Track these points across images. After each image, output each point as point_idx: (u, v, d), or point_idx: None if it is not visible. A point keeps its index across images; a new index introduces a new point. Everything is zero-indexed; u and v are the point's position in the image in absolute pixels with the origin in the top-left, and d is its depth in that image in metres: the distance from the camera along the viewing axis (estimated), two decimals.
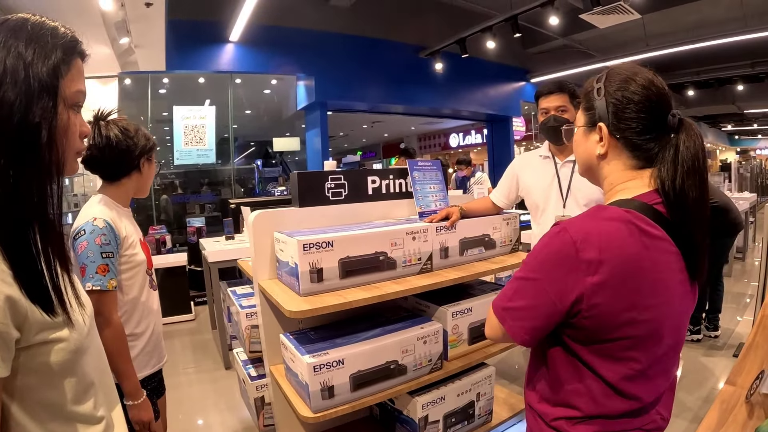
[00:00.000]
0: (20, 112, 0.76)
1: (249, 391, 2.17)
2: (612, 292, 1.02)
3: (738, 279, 6.74)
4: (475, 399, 2.02)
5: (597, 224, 1.06)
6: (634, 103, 1.09)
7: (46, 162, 0.79)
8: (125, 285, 1.74)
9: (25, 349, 0.77)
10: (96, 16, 4.32)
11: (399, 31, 9.25)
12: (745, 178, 12.84)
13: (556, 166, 2.50)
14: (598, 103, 1.15)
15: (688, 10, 8.44)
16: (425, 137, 20.63)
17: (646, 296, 1.04)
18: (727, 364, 3.93)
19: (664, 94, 1.10)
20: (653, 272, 1.04)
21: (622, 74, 1.13)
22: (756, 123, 22.40)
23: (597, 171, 1.21)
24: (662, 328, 1.07)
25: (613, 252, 1.02)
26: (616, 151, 1.14)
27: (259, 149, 14.03)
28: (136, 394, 1.67)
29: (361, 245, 1.71)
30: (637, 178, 1.12)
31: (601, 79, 1.16)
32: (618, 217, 1.05)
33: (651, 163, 1.10)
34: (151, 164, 1.91)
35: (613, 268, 1.01)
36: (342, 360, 1.56)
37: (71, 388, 0.85)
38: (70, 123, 0.86)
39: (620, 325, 1.04)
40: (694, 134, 1.06)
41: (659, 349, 1.09)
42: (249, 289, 2.39)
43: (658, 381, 1.13)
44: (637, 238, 1.03)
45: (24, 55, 0.78)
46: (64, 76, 0.83)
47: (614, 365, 1.07)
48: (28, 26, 0.81)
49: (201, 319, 5.81)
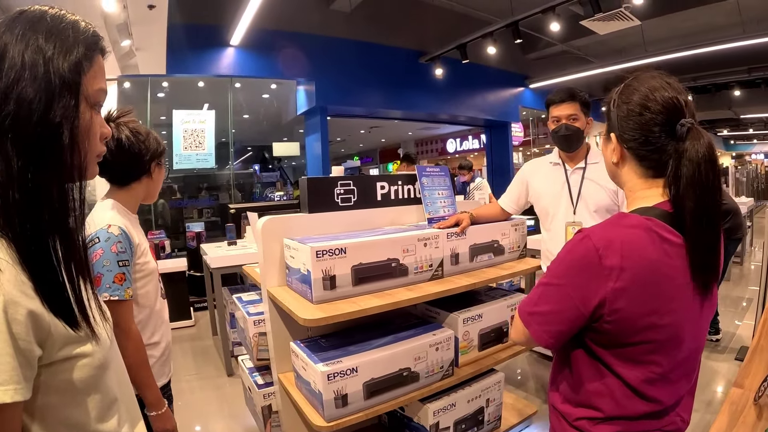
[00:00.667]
0: (40, 111, 0.71)
1: (256, 399, 2.15)
2: (633, 297, 1.05)
3: (736, 283, 6.75)
4: (484, 405, 2.01)
5: (619, 231, 1.08)
6: (635, 115, 1.12)
7: (68, 165, 0.74)
8: (140, 294, 1.69)
9: (47, 366, 0.73)
10: (98, 17, 4.29)
11: (399, 37, 9.27)
12: (741, 183, 12.90)
13: (566, 173, 2.51)
14: (612, 114, 1.19)
15: (686, 17, 8.50)
16: (422, 143, 20.69)
17: (666, 301, 1.07)
18: (729, 367, 3.94)
19: (671, 104, 1.09)
20: (673, 278, 1.07)
21: (632, 85, 1.16)
22: (751, 128, 22.51)
23: (617, 177, 1.24)
24: (682, 332, 1.10)
25: (635, 259, 1.04)
26: (626, 160, 1.18)
27: (257, 154, 14.01)
28: (158, 404, 1.64)
29: (374, 252, 1.70)
30: (653, 186, 1.14)
31: (619, 90, 1.19)
32: (639, 225, 1.08)
33: (663, 173, 1.12)
34: (161, 169, 1.85)
35: (635, 275, 1.04)
36: (356, 368, 1.54)
37: (95, 405, 0.81)
38: (92, 123, 0.82)
39: (641, 329, 1.07)
40: (699, 144, 1.05)
41: (680, 353, 1.11)
42: (255, 295, 2.38)
43: (679, 384, 1.16)
44: (658, 245, 1.06)
45: (44, 49, 0.73)
46: (86, 73, 0.79)
47: (636, 368, 1.10)
48: (47, 18, 0.77)
49: (201, 325, 5.78)
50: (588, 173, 2.46)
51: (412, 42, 9.50)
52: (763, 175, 18.58)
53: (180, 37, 6.78)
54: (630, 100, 1.14)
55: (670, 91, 1.10)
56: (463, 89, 10.57)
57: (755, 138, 27.64)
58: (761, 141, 28.59)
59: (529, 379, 4.00)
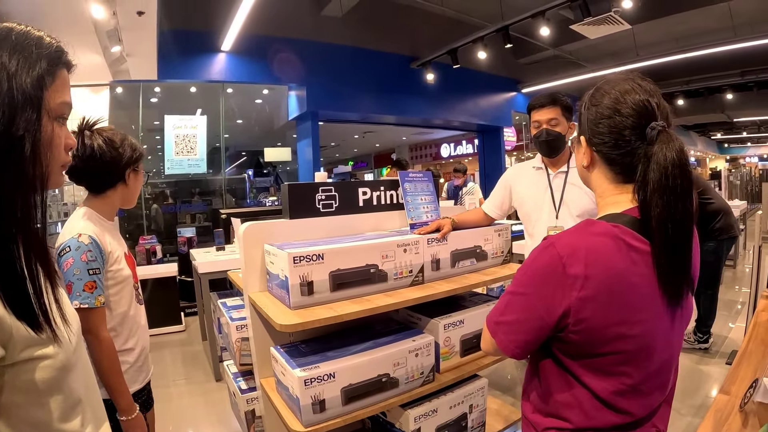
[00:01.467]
0: (3, 125, 0.74)
1: (239, 404, 2.15)
2: (599, 306, 1.02)
3: (729, 286, 6.77)
4: (467, 411, 2.01)
5: (584, 239, 1.06)
6: (605, 118, 1.10)
7: (29, 176, 0.77)
8: (112, 301, 1.71)
9: (10, 367, 0.75)
10: (88, 24, 4.29)
11: (391, 42, 9.30)
12: (735, 186, 12.95)
13: (549, 177, 2.52)
14: (582, 117, 1.18)
15: (677, 20, 8.55)
16: (416, 147, 20.69)
17: (635, 311, 1.04)
18: (720, 371, 3.94)
19: (642, 107, 1.07)
20: (642, 287, 1.04)
21: (603, 88, 1.14)
22: (745, 131, 22.65)
23: (588, 181, 1.23)
24: (653, 342, 1.07)
25: (600, 267, 1.02)
26: (597, 164, 1.17)
27: (251, 159, 14.01)
28: (129, 410, 1.65)
29: (352, 258, 1.70)
30: (623, 192, 1.13)
31: (590, 93, 1.18)
32: (606, 233, 1.05)
33: (633, 177, 1.09)
34: (137, 175, 1.85)
35: (600, 284, 1.01)
36: (333, 373, 1.54)
37: (58, 405, 0.83)
38: (54, 135, 0.84)
39: (609, 340, 1.04)
40: (668, 148, 1.02)
41: (651, 364, 1.08)
42: (239, 300, 2.38)
43: (652, 396, 1.12)
44: (625, 253, 1.03)
45: (7, 66, 0.76)
46: (48, 88, 0.81)
47: (605, 380, 1.07)
48: (12, 36, 0.79)
49: (191, 330, 5.76)
50: (570, 177, 2.47)
51: (403, 47, 9.53)
52: (756, 178, 18.65)
53: (171, 43, 6.80)
54: (600, 103, 1.12)
55: (641, 93, 1.08)
56: (456, 94, 10.60)
57: (749, 141, 27.78)
58: (755, 144, 28.73)
59: (517, 384, 3.99)
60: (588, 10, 6.29)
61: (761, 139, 24.80)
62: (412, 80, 9.75)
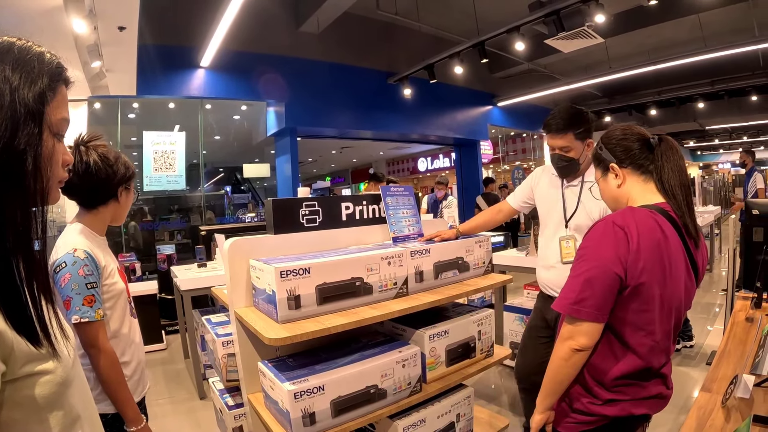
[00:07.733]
0: (5, 138, 0.74)
1: (227, 421, 2.15)
2: (646, 261, 1.39)
3: (706, 290, 6.90)
4: (455, 420, 2.03)
5: (633, 216, 1.46)
6: (620, 140, 1.60)
7: (31, 190, 0.77)
8: (107, 315, 1.72)
9: (10, 383, 0.75)
10: (68, 38, 4.26)
11: (368, 58, 9.37)
12: (708, 192, 13.16)
13: (563, 187, 2.57)
14: (604, 155, 1.63)
15: (649, 33, 8.78)
16: (394, 162, 20.77)
17: (667, 277, 1.44)
18: (701, 373, 4.02)
19: (640, 131, 1.60)
20: (670, 260, 1.45)
21: (608, 132, 1.65)
22: (717, 138, 23.09)
23: (622, 198, 1.61)
24: (673, 306, 1.48)
25: (647, 234, 1.42)
26: (627, 176, 1.59)
27: (229, 175, 13.95)
28: (137, 420, 1.67)
29: (338, 271, 1.72)
30: (649, 192, 1.55)
31: (600, 143, 1.66)
32: (646, 214, 1.47)
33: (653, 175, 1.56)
34: (129, 193, 1.88)
35: (646, 242, 1.40)
36: (322, 386, 1.56)
37: (58, 421, 0.82)
38: (54, 151, 0.84)
39: (649, 298, 1.42)
40: (670, 146, 1.56)
41: (668, 324, 1.49)
42: (224, 317, 2.37)
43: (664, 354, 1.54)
44: (659, 228, 1.45)
45: (10, 79, 0.76)
46: (49, 103, 0.82)
47: (638, 334, 1.45)
48: (14, 50, 0.80)
49: (173, 349, 5.69)
50: (585, 191, 2.51)
51: (380, 63, 9.59)
52: (729, 183, 19.01)
53: (151, 59, 6.78)
54: (613, 136, 1.62)
55: (635, 128, 1.61)
56: (433, 109, 10.68)
57: (721, 148, 28.29)
58: (727, 150, 29.26)
59: (501, 393, 4.02)
60: (562, 25, 6.40)
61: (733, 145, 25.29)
62: (390, 95, 9.81)
